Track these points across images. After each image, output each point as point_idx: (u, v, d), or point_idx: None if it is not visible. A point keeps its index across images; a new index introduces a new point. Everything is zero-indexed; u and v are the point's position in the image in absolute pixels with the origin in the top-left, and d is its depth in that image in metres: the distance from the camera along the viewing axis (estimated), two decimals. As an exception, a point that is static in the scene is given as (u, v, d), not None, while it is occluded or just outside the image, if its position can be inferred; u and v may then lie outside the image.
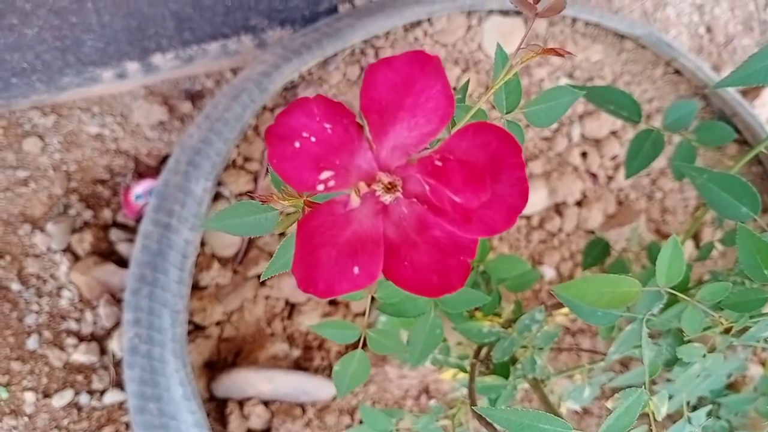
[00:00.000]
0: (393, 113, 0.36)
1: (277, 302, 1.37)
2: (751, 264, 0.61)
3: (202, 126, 1.27)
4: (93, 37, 1.35)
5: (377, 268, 0.36)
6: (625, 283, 0.59)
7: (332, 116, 0.36)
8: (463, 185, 0.34)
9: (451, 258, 0.36)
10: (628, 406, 0.49)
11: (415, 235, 0.37)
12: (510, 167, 0.35)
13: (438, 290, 0.36)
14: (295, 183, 0.36)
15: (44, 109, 1.43)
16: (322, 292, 0.36)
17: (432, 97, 0.36)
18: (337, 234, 0.37)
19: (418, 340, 0.72)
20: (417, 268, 0.36)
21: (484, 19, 1.48)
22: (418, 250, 0.37)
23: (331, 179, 0.37)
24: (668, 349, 0.69)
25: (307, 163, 0.36)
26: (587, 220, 1.47)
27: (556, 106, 0.61)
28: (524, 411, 0.49)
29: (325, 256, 0.36)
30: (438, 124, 0.37)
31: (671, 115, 0.87)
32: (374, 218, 0.37)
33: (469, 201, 0.34)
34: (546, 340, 0.79)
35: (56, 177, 1.40)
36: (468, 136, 0.36)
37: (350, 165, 0.37)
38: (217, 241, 1.36)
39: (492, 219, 0.35)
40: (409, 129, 0.37)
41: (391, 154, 0.37)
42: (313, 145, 0.36)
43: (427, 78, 0.36)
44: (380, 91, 0.35)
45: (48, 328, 1.32)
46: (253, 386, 1.30)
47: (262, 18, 1.45)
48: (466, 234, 0.36)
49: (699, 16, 1.70)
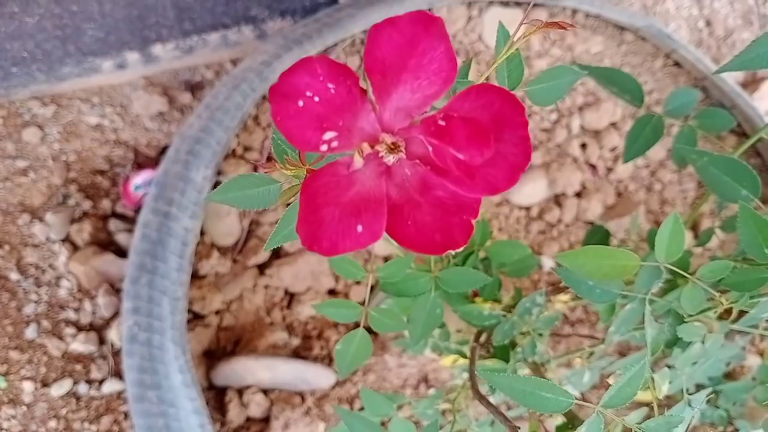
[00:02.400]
0: (396, 74, 0.36)
1: (276, 291, 1.37)
2: (752, 243, 0.61)
3: (202, 115, 1.27)
4: (93, 26, 1.35)
5: (380, 227, 0.36)
6: (623, 255, 0.59)
7: (336, 76, 0.36)
8: (467, 142, 0.34)
9: (454, 217, 0.36)
10: (631, 376, 0.49)
11: (418, 195, 0.37)
12: (513, 126, 0.35)
13: (441, 247, 0.36)
14: (299, 142, 0.36)
15: (44, 99, 1.43)
16: (326, 249, 0.36)
17: (435, 58, 0.36)
18: (341, 194, 0.37)
19: (418, 319, 0.73)
20: (420, 227, 0.36)
21: (484, 10, 1.48)
22: (421, 210, 0.37)
23: (334, 140, 0.37)
24: (669, 329, 0.69)
25: (310, 122, 0.36)
26: (586, 211, 1.47)
27: (559, 85, 0.61)
28: (527, 378, 0.49)
29: (328, 215, 0.36)
30: (441, 86, 0.37)
31: (672, 102, 0.87)
32: (377, 179, 0.37)
33: (473, 158, 0.34)
34: (546, 323, 0.79)
35: (55, 167, 1.40)
36: (471, 97, 0.36)
37: (353, 126, 0.37)
38: (216, 231, 1.36)
39: (495, 177, 0.35)
40: (412, 91, 0.37)
41: (394, 116, 0.37)
42: (316, 105, 0.36)
43: (431, 39, 0.36)
44: (384, 51, 0.35)
45: (47, 318, 1.32)
46: (253, 374, 1.30)
47: (262, 8, 1.45)
48: (469, 193, 0.36)
49: (698, 9, 1.70)
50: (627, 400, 0.50)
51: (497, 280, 0.88)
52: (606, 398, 0.50)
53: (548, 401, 0.50)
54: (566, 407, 0.50)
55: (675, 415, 0.52)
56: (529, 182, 1.45)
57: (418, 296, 0.72)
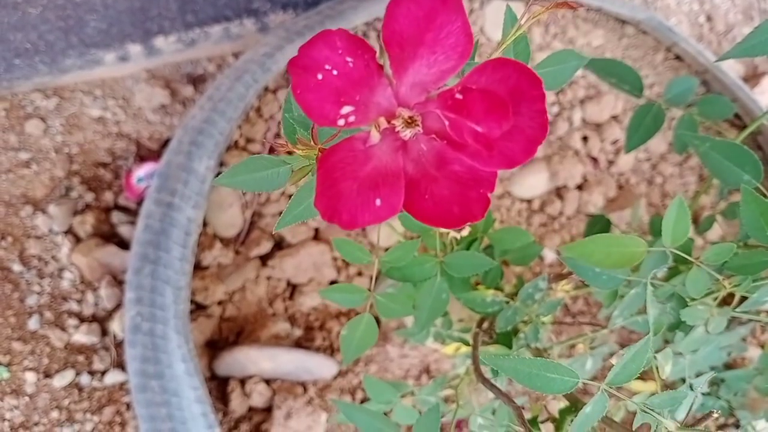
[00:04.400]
0: (413, 48, 0.37)
1: (278, 283, 1.38)
2: (755, 226, 0.62)
3: (204, 106, 1.28)
4: (96, 17, 1.35)
5: (399, 201, 0.37)
6: (631, 242, 0.60)
7: (354, 50, 0.36)
8: (484, 114, 0.34)
9: (471, 191, 0.37)
10: (635, 353, 0.49)
11: (434, 170, 0.38)
12: (530, 100, 0.35)
13: (459, 220, 0.36)
14: (317, 116, 0.36)
15: (46, 91, 1.43)
16: (346, 222, 0.36)
17: (452, 33, 0.36)
18: (358, 169, 0.37)
19: (424, 305, 0.73)
20: (438, 201, 0.37)
21: (486, 3, 1.48)
22: (438, 184, 0.37)
23: (352, 114, 0.37)
24: (672, 312, 0.70)
25: (329, 95, 0.36)
26: (588, 204, 1.48)
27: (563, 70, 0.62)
28: (532, 359, 0.49)
29: (347, 188, 0.37)
30: (457, 60, 0.37)
31: (671, 90, 0.88)
32: (394, 154, 0.38)
33: (492, 130, 0.34)
34: (548, 309, 0.80)
35: (58, 159, 1.40)
36: (488, 71, 0.36)
37: (370, 101, 0.37)
38: (219, 222, 1.36)
39: (512, 151, 0.36)
40: (429, 65, 0.37)
41: (411, 91, 0.38)
42: (335, 78, 0.36)
43: (449, 13, 0.36)
44: (402, 24, 0.36)
45: (49, 309, 1.33)
46: (255, 364, 1.30)
47: (264, 1, 1.45)
48: (486, 167, 0.36)
49: (699, 4, 1.71)
50: (631, 376, 0.50)
51: (499, 268, 0.88)
52: (611, 376, 0.50)
53: (554, 382, 0.50)
54: (572, 387, 0.50)
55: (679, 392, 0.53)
56: (531, 175, 1.46)
57: (423, 282, 0.73)
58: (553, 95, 1.52)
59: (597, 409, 0.50)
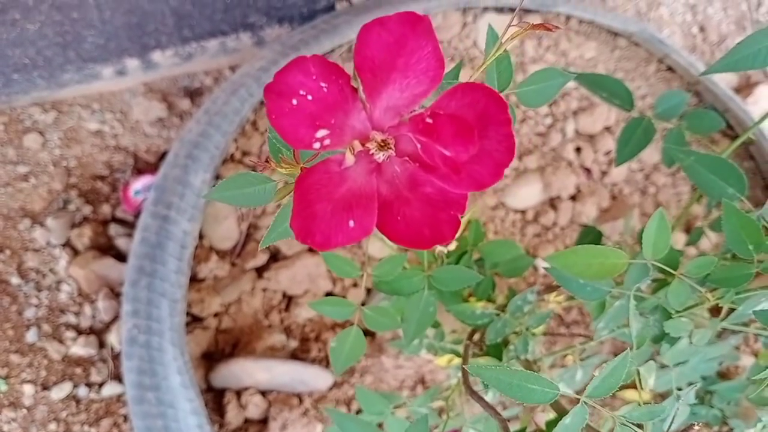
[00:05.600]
0: (386, 73, 0.38)
1: (274, 294, 1.38)
2: (736, 239, 0.63)
3: (201, 120, 1.29)
4: (94, 33, 1.37)
5: (371, 222, 0.38)
6: (612, 254, 0.60)
7: (328, 75, 0.37)
8: (452, 139, 0.35)
9: (442, 212, 0.38)
10: (614, 367, 0.50)
11: (407, 191, 0.39)
12: (497, 124, 0.36)
13: (430, 242, 0.37)
14: (292, 140, 0.37)
15: (45, 105, 1.44)
16: (319, 243, 0.37)
17: (423, 58, 0.37)
18: (333, 190, 0.38)
19: (411, 318, 0.74)
20: (410, 222, 0.38)
21: (479, 17, 1.49)
22: (410, 206, 0.38)
23: (327, 137, 0.38)
24: (656, 324, 0.70)
25: (303, 120, 0.37)
26: (581, 214, 1.49)
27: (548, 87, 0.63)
28: (514, 370, 0.50)
29: (321, 210, 0.37)
30: (429, 85, 0.38)
31: (662, 104, 0.88)
32: (368, 176, 0.39)
33: (459, 154, 0.35)
34: (538, 321, 0.81)
35: (56, 172, 1.42)
36: (457, 96, 0.37)
37: (345, 124, 0.38)
38: (215, 234, 1.37)
39: (480, 174, 0.37)
40: (401, 90, 0.38)
41: (384, 114, 0.39)
42: (309, 103, 0.37)
43: (418, 38, 0.37)
44: (373, 50, 0.37)
45: (47, 322, 1.33)
46: (251, 375, 1.31)
47: (260, 15, 1.46)
48: (455, 189, 0.37)
49: (692, 15, 1.72)
50: (611, 390, 0.51)
51: (491, 280, 0.89)
52: (590, 389, 0.51)
53: (534, 393, 0.51)
54: (551, 398, 0.51)
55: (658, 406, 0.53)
56: (525, 186, 1.47)
57: (411, 295, 0.74)
58: (546, 107, 1.53)
59: (576, 421, 0.51)
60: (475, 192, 1.46)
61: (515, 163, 1.49)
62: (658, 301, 0.69)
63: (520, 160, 1.50)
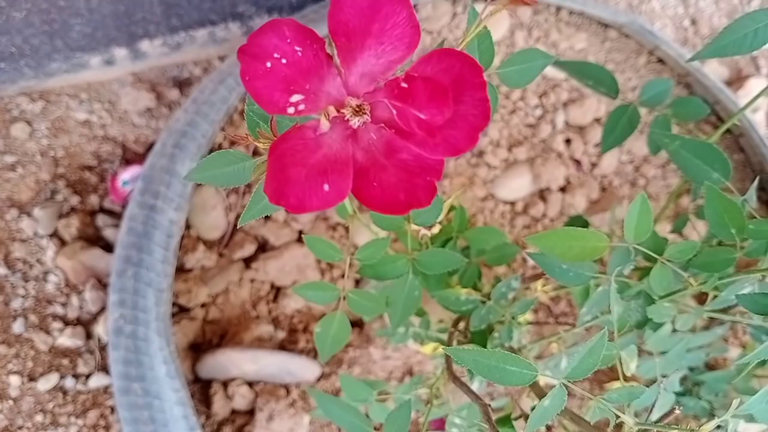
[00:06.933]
0: (360, 39, 0.37)
1: (262, 285, 1.38)
2: (718, 223, 0.63)
3: (188, 109, 1.28)
4: (81, 21, 1.36)
5: (347, 186, 0.37)
6: (593, 237, 0.60)
7: (303, 40, 0.37)
8: (427, 102, 0.35)
9: (418, 178, 0.37)
10: (592, 347, 0.50)
11: (383, 158, 0.38)
12: (472, 88, 0.36)
13: (405, 206, 0.37)
14: (267, 103, 0.37)
15: (32, 95, 1.43)
16: (293, 206, 0.37)
17: (398, 24, 0.37)
18: (308, 156, 0.38)
19: (397, 302, 0.73)
20: (385, 188, 0.37)
21: (468, 7, 1.49)
22: (386, 172, 0.38)
23: (301, 103, 0.38)
24: (638, 309, 0.70)
25: (278, 83, 0.37)
26: (571, 206, 1.48)
27: (529, 68, 0.63)
28: (491, 352, 0.49)
29: (295, 174, 0.37)
30: (404, 51, 0.38)
31: (647, 92, 0.88)
32: (344, 142, 0.39)
33: (434, 116, 0.35)
34: (522, 308, 0.80)
35: (44, 162, 1.41)
36: (433, 61, 0.37)
37: (319, 89, 0.38)
38: (202, 224, 1.36)
39: (456, 138, 0.36)
40: (377, 56, 0.38)
41: (360, 80, 0.38)
42: (284, 67, 0.37)
43: (393, 4, 0.37)
44: (347, 14, 0.37)
45: (34, 312, 1.33)
46: (238, 366, 1.30)
47: (249, 5, 1.46)
48: (431, 155, 0.37)
49: (684, 8, 1.72)
50: (589, 371, 0.50)
51: (476, 267, 0.89)
52: (569, 369, 0.51)
53: (512, 374, 0.50)
54: (530, 380, 0.50)
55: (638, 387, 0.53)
56: (514, 177, 1.46)
57: (396, 279, 0.73)
58: (536, 98, 1.52)
59: (555, 403, 0.50)
60: (465, 180, 1.46)
61: (505, 154, 1.48)
62: (641, 286, 0.69)
63: (509, 151, 1.49)
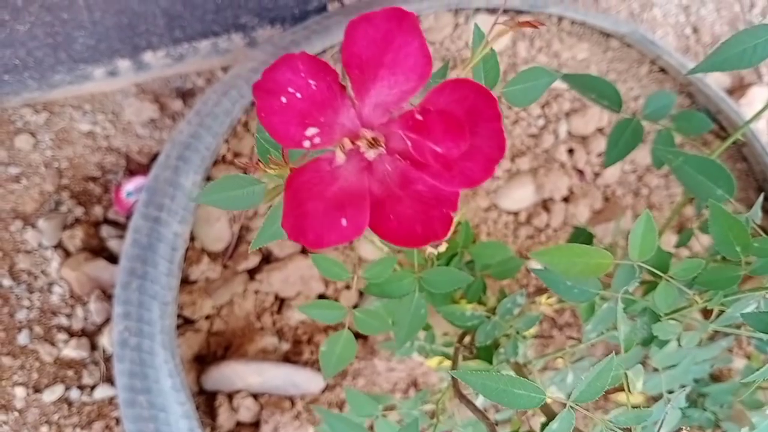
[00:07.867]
0: (373, 70, 0.37)
1: (266, 297, 1.38)
2: (723, 241, 0.62)
3: (192, 121, 1.29)
4: (84, 34, 1.36)
5: (364, 220, 0.37)
6: (597, 254, 0.60)
7: (316, 73, 0.37)
8: (443, 135, 0.35)
9: (434, 210, 0.37)
10: (600, 370, 0.50)
11: (398, 189, 0.38)
12: (487, 119, 0.36)
13: (422, 240, 0.37)
14: (282, 138, 0.37)
15: (36, 106, 1.44)
16: (311, 242, 0.37)
17: (410, 54, 0.37)
18: (324, 189, 0.38)
19: (403, 320, 0.73)
20: (402, 221, 0.37)
21: (471, 18, 1.49)
22: (402, 204, 0.38)
23: (317, 136, 0.38)
24: (644, 327, 0.70)
25: (293, 118, 0.37)
26: (574, 216, 1.49)
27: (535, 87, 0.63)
28: (499, 375, 0.49)
29: (313, 209, 0.37)
30: (417, 81, 0.38)
31: (651, 105, 0.88)
32: (359, 174, 0.39)
33: (450, 150, 0.35)
34: (527, 323, 0.80)
35: (48, 174, 1.41)
36: (446, 92, 0.37)
37: (334, 122, 0.38)
38: (207, 236, 1.36)
39: (471, 170, 0.36)
40: (390, 86, 0.38)
41: (373, 112, 0.38)
42: (298, 101, 0.37)
43: (405, 34, 0.37)
44: (360, 47, 0.37)
45: (39, 324, 1.33)
46: (243, 378, 1.30)
47: (252, 16, 1.46)
48: (447, 186, 0.37)
49: (685, 16, 1.72)
50: (597, 394, 0.50)
51: (481, 282, 0.89)
52: (576, 393, 0.51)
53: (521, 397, 0.50)
54: (538, 403, 0.50)
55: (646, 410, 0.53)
56: (517, 187, 1.46)
57: (402, 297, 0.73)
58: (538, 108, 1.53)
59: (563, 426, 0.51)
60: (468, 191, 1.46)
61: (507, 164, 1.49)
62: (646, 303, 0.69)
63: (512, 161, 1.49)
